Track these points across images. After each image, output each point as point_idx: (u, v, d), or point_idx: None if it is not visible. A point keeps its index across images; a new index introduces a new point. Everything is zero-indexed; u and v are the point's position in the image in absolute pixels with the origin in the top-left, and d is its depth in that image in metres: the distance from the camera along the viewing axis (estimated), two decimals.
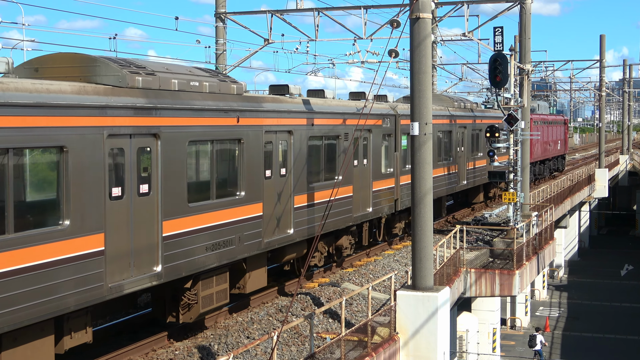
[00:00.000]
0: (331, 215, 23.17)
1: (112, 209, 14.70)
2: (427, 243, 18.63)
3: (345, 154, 24.43)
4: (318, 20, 33.69)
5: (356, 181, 25.31)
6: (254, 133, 19.34)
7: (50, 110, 13.24)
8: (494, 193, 45.63)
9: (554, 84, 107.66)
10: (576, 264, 67.56)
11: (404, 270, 25.25)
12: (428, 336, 18.40)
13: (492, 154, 32.29)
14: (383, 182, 27.69)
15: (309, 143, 22.35)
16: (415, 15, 18.24)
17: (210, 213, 17.63)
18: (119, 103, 14.77)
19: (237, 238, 18.54)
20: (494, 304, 36.87)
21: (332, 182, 23.37)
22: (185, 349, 17.21)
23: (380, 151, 27.56)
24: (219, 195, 18.09)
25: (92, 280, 14.20)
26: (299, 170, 21.73)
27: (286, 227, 21.15)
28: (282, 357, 17.38)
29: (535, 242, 32.56)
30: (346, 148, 24.54)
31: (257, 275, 20.41)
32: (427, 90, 18.53)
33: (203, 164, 17.75)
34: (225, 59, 34.26)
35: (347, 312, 20.49)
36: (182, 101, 16.64)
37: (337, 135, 24.13)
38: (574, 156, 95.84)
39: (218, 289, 18.28)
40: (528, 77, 34.45)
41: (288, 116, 21.19)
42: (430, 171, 18.81)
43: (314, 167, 22.82)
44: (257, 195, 19.57)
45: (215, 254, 17.72)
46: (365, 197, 26.23)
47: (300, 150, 21.74)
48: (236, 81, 19.26)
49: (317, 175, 23.03)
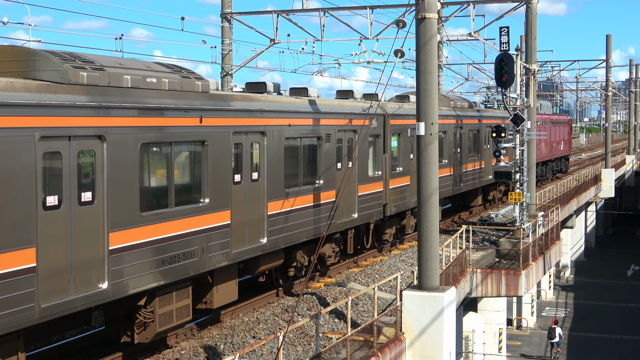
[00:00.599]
0: (312, 222, 22.06)
1: (46, 220, 13.10)
2: (433, 243, 18.62)
3: (336, 157, 23.52)
4: (324, 20, 33.71)
5: (339, 185, 23.72)
6: (220, 134, 17.87)
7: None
8: (493, 196, 44.33)
9: (560, 84, 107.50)
10: (582, 264, 67.45)
11: (410, 270, 25.24)
12: (434, 336, 18.39)
13: (499, 154, 32.25)
14: (370, 186, 26.23)
15: (286, 145, 20.91)
16: (421, 15, 18.23)
17: (168, 223, 16.07)
18: (54, 101, 13.31)
19: (200, 249, 17.04)
20: (500, 304, 36.80)
21: (313, 186, 22.38)
22: (191, 349, 17.22)
23: (367, 153, 26.21)
24: (179, 203, 16.48)
25: (22, 302, 12.67)
26: (274, 174, 20.24)
27: (259, 236, 19.60)
28: (288, 357, 17.39)
29: (542, 242, 32.52)
30: (329, 150, 23.23)
31: (226, 289, 18.86)
32: (433, 90, 18.51)
33: (159, 168, 16.28)
34: (231, 59, 34.29)
35: (353, 312, 20.49)
36: (134, 99, 15.19)
37: (318, 137, 22.65)
38: (581, 156, 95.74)
39: (179, 306, 16.81)
40: (534, 77, 34.41)
41: (261, 116, 19.65)
42: (436, 171, 18.78)
43: (291, 171, 21.39)
44: (224, 202, 18.03)
45: (173, 268, 16.17)
46: (350, 202, 24.82)
47: (275, 153, 20.27)
48: (202, 78, 17.90)
49: (294, 180, 21.56)
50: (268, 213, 19.96)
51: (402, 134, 28.90)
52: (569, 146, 67.99)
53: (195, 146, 17.23)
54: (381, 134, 27.22)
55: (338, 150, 23.89)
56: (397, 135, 28.43)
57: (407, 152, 29.55)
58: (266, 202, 19.85)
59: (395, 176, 28.28)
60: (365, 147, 25.78)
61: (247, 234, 19.07)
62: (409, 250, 29.96)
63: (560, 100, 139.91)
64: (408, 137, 29.36)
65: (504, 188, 44.81)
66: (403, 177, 29.20)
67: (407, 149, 29.48)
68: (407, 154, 29.56)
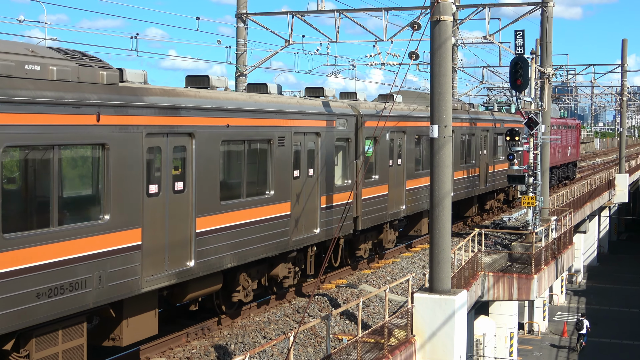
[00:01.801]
0: (259, 239, 18.98)
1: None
2: (445, 246, 18.59)
3: (293, 164, 20.53)
4: (339, 21, 33.73)
5: (297, 196, 20.72)
6: (127, 136, 14.65)
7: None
8: (491, 205, 41.09)
9: (575, 88, 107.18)
10: (595, 269, 67.20)
11: (421, 273, 25.21)
12: (445, 339, 18.37)
13: (512, 157, 32.20)
14: (337, 197, 22.83)
15: (224, 149, 17.71)
16: (436, 18, 18.22)
17: (48, 246, 13.02)
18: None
19: (95, 277, 13.88)
20: (511, 308, 36.76)
21: (261, 198, 19.28)
22: (202, 348, 17.25)
23: (334, 159, 22.81)
24: (67, 221, 13.52)
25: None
26: (206, 184, 16.95)
27: (184, 259, 16.31)
28: (299, 357, 17.40)
29: (554, 247, 32.43)
30: (282, 156, 20.01)
31: (141, 322, 15.64)
32: (447, 93, 18.49)
33: (37, 177, 13.26)
34: (245, 60, 34.37)
35: (364, 314, 20.49)
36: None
37: (267, 140, 19.36)
38: (595, 161, 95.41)
39: (68, 347, 13.82)
40: (549, 80, 34.32)
41: (188, 114, 16.31)
42: (449, 174, 18.74)
43: (231, 180, 18.44)
44: (134, 219, 14.83)
45: (54, 302, 13.10)
46: (311, 215, 21.56)
47: (208, 159, 17.01)
48: (110, 67, 14.87)
49: (235, 190, 18.46)
50: (197, 230, 16.57)
51: (380, 138, 25.47)
52: (577, 152, 65.63)
53: (90, 150, 14.09)
54: (352, 138, 23.82)
55: (295, 155, 20.69)
56: (374, 139, 24.94)
57: (386, 158, 26.33)
58: (194, 217, 16.49)
59: (370, 185, 25.16)
60: (330, 153, 22.45)
61: (168, 256, 15.89)
62: (420, 252, 29.93)
63: (575, 104, 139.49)
64: (387, 141, 26.26)
65: (504, 197, 43.05)
66: (379, 187, 25.85)
67: (385, 155, 26.24)
68: (386, 160, 26.31)
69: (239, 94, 19.37)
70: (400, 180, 27.64)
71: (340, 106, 23.52)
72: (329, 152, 22.40)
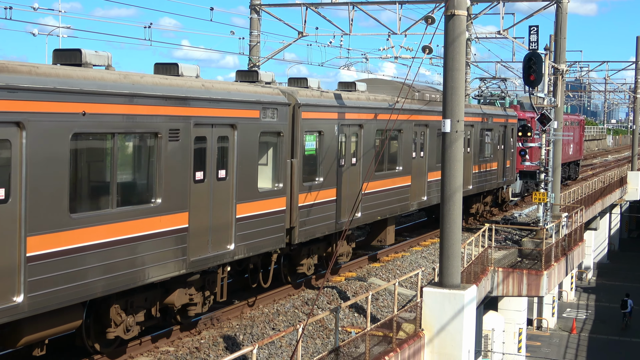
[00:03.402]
0: (141, 261, 14.73)
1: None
2: (455, 240, 18.58)
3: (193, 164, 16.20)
4: (352, 14, 33.68)
5: (199, 205, 16.38)
6: None
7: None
8: (477, 209, 36.62)
9: (588, 84, 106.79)
10: (605, 267, 67.04)
11: (431, 267, 25.21)
12: (453, 334, 18.37)
13: (524, 153, 32.17)
14: (262, 204, 18.59)
15: (76, 145, 13.32)
16: (450, 12, 18.19)
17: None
18: None
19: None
20: (520, 304, 36.73)
21: (143, 208, 14.91)
22: (210, 338, 17.30)
23: (256, 158, 18.36)
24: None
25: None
26: (46, 191, 12.60)
27: (9, 294, 12.14)
28: (307, 349, 17.43)
29: (565, 243, 32.39)
30: (176, 154, 15.63)
31: None
32: (460, 88, 18.47)
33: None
34: (259, 51, 34.36)
35: (373, 307, 20.50)
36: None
37: (153, 133, 15.02)
38: (607, 158, 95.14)
39: None
40: (562, 77, 34.22)
41: (10, 96, 11.95)
42: (461, 169, 18.72)
43: (90, 185, 14.26)
44: None
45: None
46: (222, 228, 17.22)
47: (49, 157, 12.63)
48: None
49: (100, 199, 14.15)
50: (29, 254, 12.37)
51: (326, 132, 21.24)
52: (580, 150, 61.43)
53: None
54: (285, 132, 19.50)
55: (197, 154, 16.34)
56: (318, 133, 20.95)
57: (333, 156, 21.73)
58: (24, 235, 12.29)
59: (312, 189, 20.69)
60: (252, 150, 18.16)
61: None
62: (430, 247, 29.91)
63: (588, 101, 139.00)
64: (335, 136, 21.77)
65: (492, 199, 38.98)
66: (325, 191, 21.40)
67: (332, 153, 21.71)
68: (332, 159, 21.76)
69: (104, 72, 14.33)
70: (355, 183, 23.13)
71: (268, 92, 18.95)
72: (251, 149, 18.06)
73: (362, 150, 23.45)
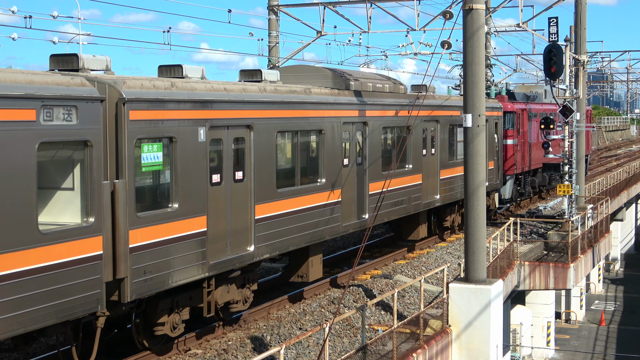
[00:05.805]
0: None
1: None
2: (480, 235, 18.53)
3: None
4: (370, 11, 33.63)
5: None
6: None
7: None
8: (452, 221, 30.26)
9: (610, 74, 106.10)
10: (633, 257, 66.50)
11: (456, 263, 25.14)
12: (481, 329, 18.32)
13: (547, 145, 32.01)
14: (55, 250, 12.20)
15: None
16: (469, 7, 18.13)
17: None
18: None
19: None
20: (548, 298, 36.52)
21: None
22: (238, 340, 17.34)
23: (33, 183, 11.85)
24: None
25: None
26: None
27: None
28: (334, 348, 17.43)
29: (591, 235, 32.22)
30: None
31: None
32: (480, 82, 18.40)
33: None
34: (277, 52, 34.38)
35: (399, 304, 20.47)
36: None
37: None
38: (631, 148, 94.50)
39: None
40: (584, 68, 34.01)
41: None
42: (484, 163, 18.64)
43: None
44: None
45: None
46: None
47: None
48: None
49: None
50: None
51: (182, 138, 14.94)
52: (588, 145, 53.07)
53: None
54: (96, 140, 12.97)
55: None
56: (169, 139, 14.69)
57: (195, 171, 15.35)
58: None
59: (156, 221, 14.40)
60: (25, 171, 11.78)
61: None
62: (455, 242, 29.83)
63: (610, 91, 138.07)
64: (199, 142, 15.39)
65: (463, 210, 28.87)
66: (179, 222, 14.93)
67: (197, 167, 15.43)
68: (194, 174, 15.32)
69: None
70: (243, 206, 17.02)
71: (59, 82, 12.55)
72: (18, 171, 11.63)
73: (252, 161, 17.22)
